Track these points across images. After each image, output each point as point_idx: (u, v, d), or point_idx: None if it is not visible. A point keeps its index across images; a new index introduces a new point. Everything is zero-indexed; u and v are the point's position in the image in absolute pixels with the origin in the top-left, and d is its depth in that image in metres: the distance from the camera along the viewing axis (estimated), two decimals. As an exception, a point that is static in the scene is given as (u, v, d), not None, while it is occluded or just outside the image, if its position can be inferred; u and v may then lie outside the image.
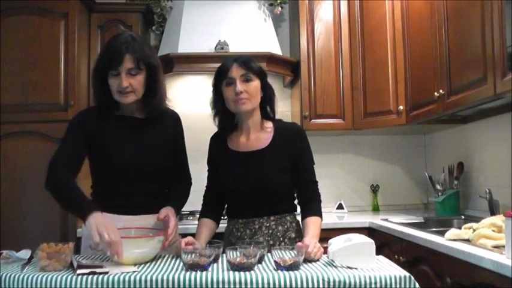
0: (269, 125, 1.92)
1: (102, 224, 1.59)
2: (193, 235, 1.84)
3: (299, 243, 1.60)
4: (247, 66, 1.82)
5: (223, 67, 1.85)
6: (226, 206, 1.97)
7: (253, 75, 1.82)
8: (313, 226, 1.80)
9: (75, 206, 1.74)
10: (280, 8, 3.46)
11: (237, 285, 1.38)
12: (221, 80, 1.85)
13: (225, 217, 1.98)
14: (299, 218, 1.93)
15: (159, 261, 1.62)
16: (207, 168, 2.00)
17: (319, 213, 1.86)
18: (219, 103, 1.88)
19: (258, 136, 1.89)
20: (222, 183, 1.90)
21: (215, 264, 1.53)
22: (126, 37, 1.82)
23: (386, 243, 2.60)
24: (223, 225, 1.98)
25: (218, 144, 1.96)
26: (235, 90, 1.80)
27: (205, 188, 2.01)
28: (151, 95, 1.86)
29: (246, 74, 1.82)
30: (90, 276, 1.40)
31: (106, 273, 1.42)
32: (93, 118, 1.89)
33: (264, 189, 1.82)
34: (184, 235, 1.89)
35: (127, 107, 1.89)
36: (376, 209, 3.54)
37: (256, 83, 1.84)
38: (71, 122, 1.94)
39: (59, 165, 1.81)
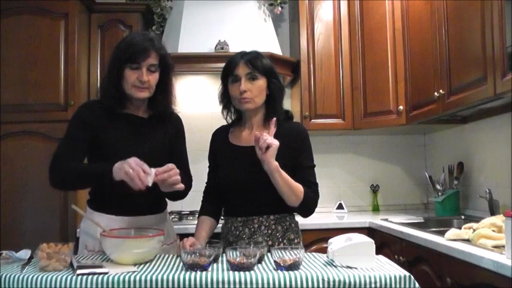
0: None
1: (124, 166, 1.61)
2: (193, 235, 1.84)
3: (257, 133, 1.69)
4: (253, 64, 1.82)
5: (230, 64, 1.86)
6: (225, 204, 1.95)
7: (259, 74, 1.82)
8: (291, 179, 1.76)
9: (96, 172, 1.76)
10: (280, 8, 3.46)
11: (237, 285, 1.37)
12: (228, 76, 1.87)
13: (222, 218, 1.97)
14: (298, 219, 1.93)
15: (159, 261, 1.62)
16: (207, 168, 2.00)
17: (307, 192, 1.79)
18: (226, 97, 1.92)
19: (260, 132, 1.87)
20: (222, 175, 1.89)
21: (215, 264, 1.53)
22: (150, 34, 1.87)
23: (387, 243, 2.60)
24: (219, 225, 1.97)
25: (220, 138, 1.97)
26: (239, 88, 1.81)
27: (205, 185, 2.01)
28: (163, 94, 1.90)
29: (251, 73, 1.82)
30: (90, 276, 1.40)
31: (106, 273, 1.42)
32: (97, 114, 1.87)
33: (263, 184, 1.77)
34: (184, 235, 1.88)
35: (134, 105, 1.90)
36: (376, 209, 3.54)
37: (261, 82, 1.83)
38: (74, 117, 1.91)
39: (62, 160, 1.80)
